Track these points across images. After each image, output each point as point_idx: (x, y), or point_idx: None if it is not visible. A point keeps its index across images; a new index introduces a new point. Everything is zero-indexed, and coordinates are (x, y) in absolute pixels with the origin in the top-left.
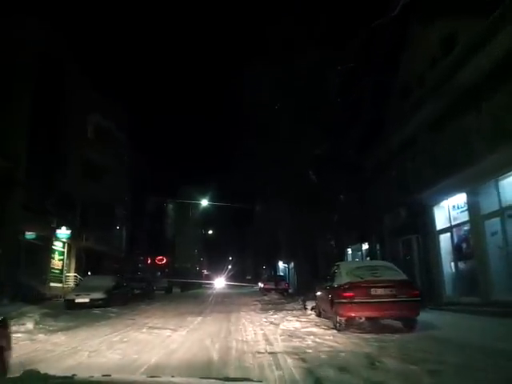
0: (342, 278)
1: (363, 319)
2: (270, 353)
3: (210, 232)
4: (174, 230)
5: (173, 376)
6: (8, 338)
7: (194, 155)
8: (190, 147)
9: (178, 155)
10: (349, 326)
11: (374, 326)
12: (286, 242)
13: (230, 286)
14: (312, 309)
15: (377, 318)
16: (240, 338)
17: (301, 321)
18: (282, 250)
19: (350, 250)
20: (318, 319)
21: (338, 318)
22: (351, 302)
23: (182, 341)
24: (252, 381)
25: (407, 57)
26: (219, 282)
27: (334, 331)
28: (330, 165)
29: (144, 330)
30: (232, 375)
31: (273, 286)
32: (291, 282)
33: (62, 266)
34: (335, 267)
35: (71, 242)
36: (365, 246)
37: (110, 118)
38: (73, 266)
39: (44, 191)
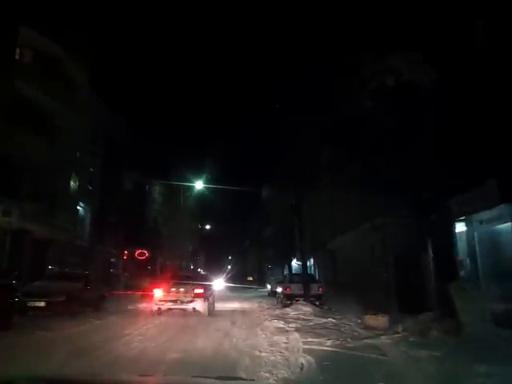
0: None
1: None
2: None
3: (208, 227)
4: (162, 219)
5: (165, 375)
6: None
7: (190, 122)
8: (183, 112)
9: (169, 121)
10: None
11: None
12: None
13: (229, 289)
14: None
15: None
16: None
17: None
18: (306, 240)
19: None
20: None
21: None
22: None
23: None
24: (244, 379)
25: None
26: (217, 284)
27: None
28: None
29: None
30: None
31: (299, 291)
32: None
33: None
34: None
35: None
36: None
37: (66, 49)
38: None
39: None
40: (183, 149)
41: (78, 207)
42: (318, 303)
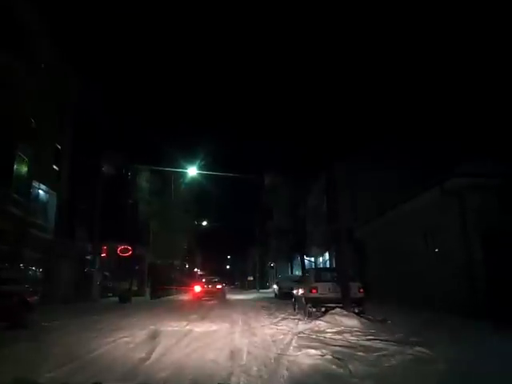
0: None
1: None
2: None
3: (205, 223)
4: (151, 210)
5: (165, 383)
6: None
7: (182, 98)
8: (174, 86)
9: (158, 97)
10: None
11: None
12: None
13: (228, 290)
14: None
15: None
16: None
17: None
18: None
19: None
20: None
21: None
22: None
23: None
24: None
25: None
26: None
27: None
28: None
29: None
30: None
31: (332, 294)
32: None
33: None
34: None
35: None
36: None
37: None
38: None
39: None
40: (175, 129)
41: (39, 190)
42: (356, 311)
